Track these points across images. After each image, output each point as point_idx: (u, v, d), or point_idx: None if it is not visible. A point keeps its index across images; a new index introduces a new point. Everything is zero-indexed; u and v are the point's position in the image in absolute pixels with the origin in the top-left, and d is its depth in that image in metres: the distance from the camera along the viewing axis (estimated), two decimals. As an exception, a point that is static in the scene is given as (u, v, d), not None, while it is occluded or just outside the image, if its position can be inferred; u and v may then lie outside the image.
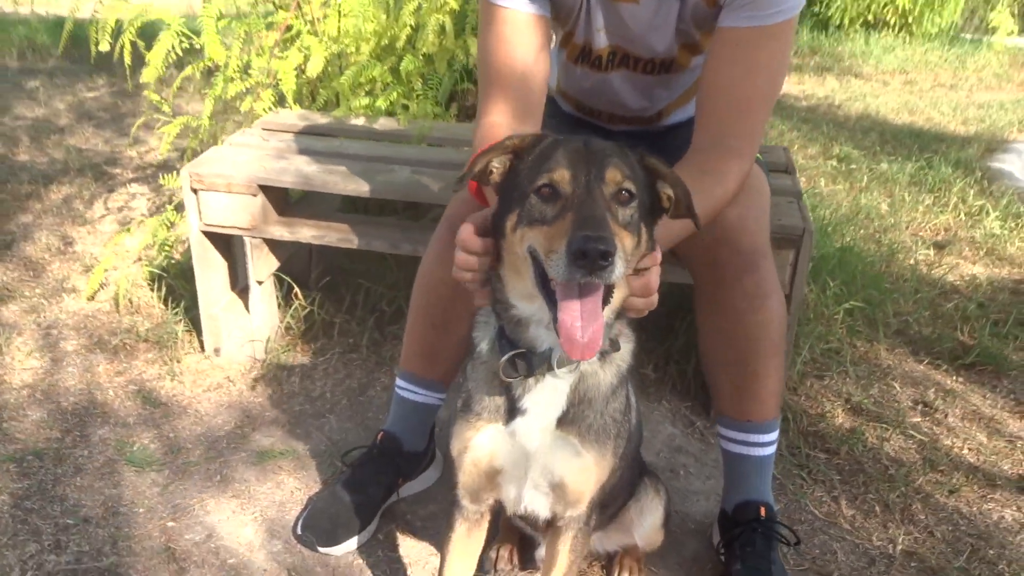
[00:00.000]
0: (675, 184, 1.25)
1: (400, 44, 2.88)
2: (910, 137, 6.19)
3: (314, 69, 2.81)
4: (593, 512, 1.42)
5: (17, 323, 2.75)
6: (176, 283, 2.85)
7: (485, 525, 1.51)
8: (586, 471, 1.35)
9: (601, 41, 1.85)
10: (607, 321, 1.22)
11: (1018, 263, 3.78)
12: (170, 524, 1.91)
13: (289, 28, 2.84)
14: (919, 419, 2.50)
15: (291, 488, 2.06)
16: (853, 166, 5.21)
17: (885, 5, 10.83)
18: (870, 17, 11.03)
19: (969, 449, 2.38)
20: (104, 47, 2.84)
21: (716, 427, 1.91)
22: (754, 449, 1.81)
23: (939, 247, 3.89)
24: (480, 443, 1.37)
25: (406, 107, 2.92)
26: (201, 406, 2.38)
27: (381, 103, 2.73)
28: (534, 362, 1.27)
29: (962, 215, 4.29)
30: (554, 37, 1.94)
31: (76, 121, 5.22)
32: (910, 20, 10.75)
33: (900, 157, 5.39)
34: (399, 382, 1.95)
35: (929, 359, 2.82)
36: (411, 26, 2.84)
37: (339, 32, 2.89)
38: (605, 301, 1.16)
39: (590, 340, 1.12)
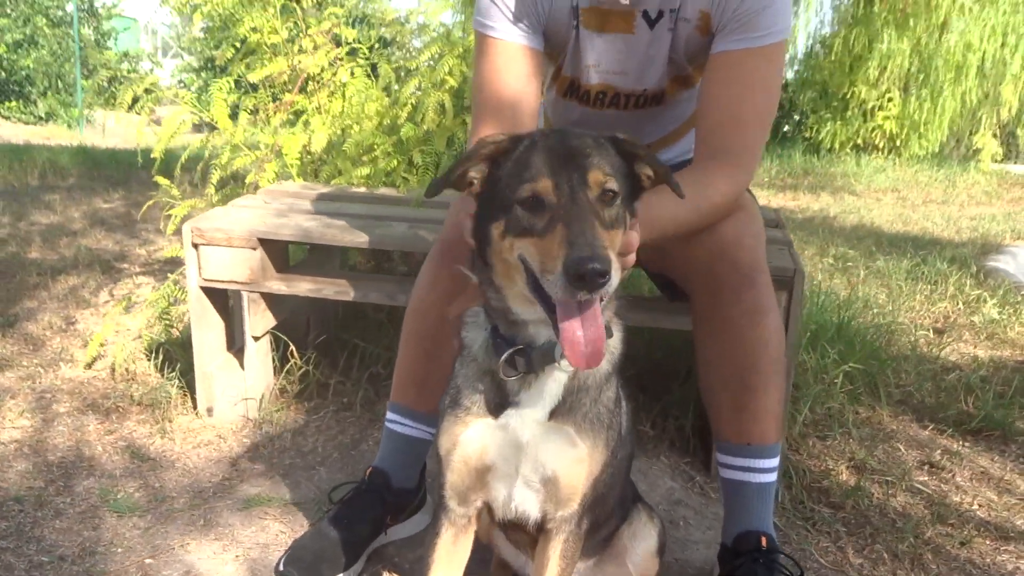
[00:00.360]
0: (652, 162, 1.28)
1: (401, 122, 3.01)
2: (905, 241, 6.30)
3: (318, 144, 2.92)
4: (585, 515, 1.37)
5: (12, 388, 2.74)
6: (173, 350, 2.86)
7: (472, 533, 1.46)
8: (580, 462, 1.31)
9: (592, 78, 1.92)
10: (619, 276, 1.16)
11: (1020, 345, 3.77)
12: (148, 561, 1.84)
13: (293, 105, 2.97)
14: (926, 477, 2.44)
15: (276, 531, 1.99)
16: (850, 264, 5.28)
17: (873, 130, 11.24)
18: (859, 141, 11.42)
19: (980, 505, 2.30)
20: (157, 154, 2.92)
21: (716, 455, 1.86)
22: (754, 475, 1.76)
23: (939, 332, 3.89)
24: (470, 438, 1.34)
25: (406, 179, 3.00)
26: (190, 460, 2.34)
27: (382, 166, 2.81)
28: (534, 357, 1.26)
29: (960, 304, 4.31)
30: (548, 74, 2.03)
31: (89, 226, 5.37)
32: (898, 143, 11.11)
33: (896, 256, 5.46)
34: (389, 415, 1.93)
35: (933, 425, 2.77)
36: (411, 104, 2.96)
37: (343, 111, 3.02)
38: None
39: (594, 349, 1.13)
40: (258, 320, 2.49)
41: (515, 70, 1.77)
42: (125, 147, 9.17)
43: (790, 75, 12.66)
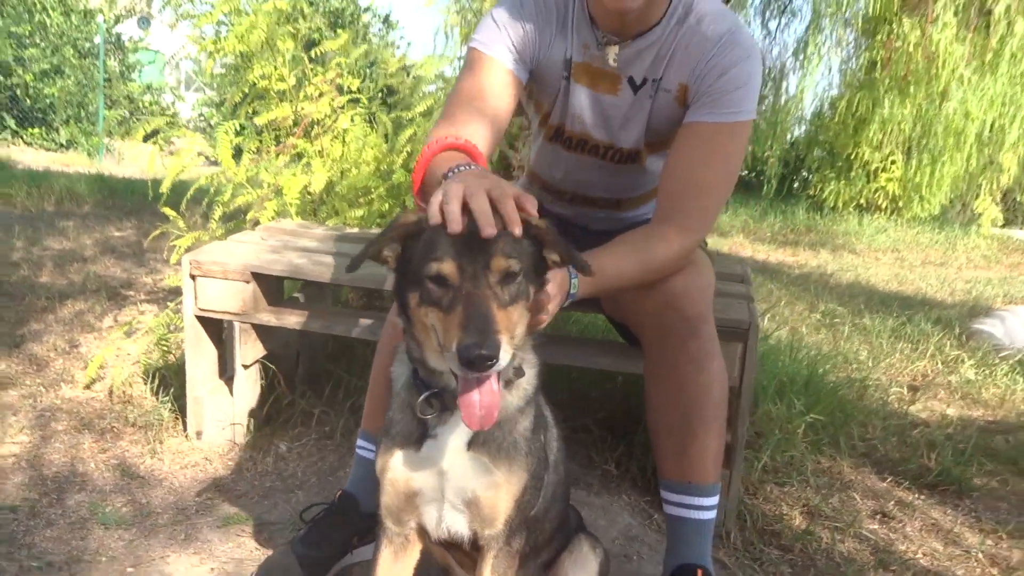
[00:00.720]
0: (557, 248, 1.39)
1: (396, 168, 3.18)
2: (896, 301, 6.42)
3: (317, 185, 3.10)
4: (515, 534, 1.49)
5: (14, 405, 2.89)
6: (169, 375, 3.01)
7: (413, 552, 1.58)
8: (497, 486, 1.44)
9: (576, 126, 2.08)
10: (509, 353, 1.29)
11: (991, 406, 3.88)
12: (129, 570, 1.97)
13: (295, 148, 3.16)
14: (876, 526, 2.55)
15: (251, 548, 2.12)
16: (837, 320, 5.40)
17: (876, 190, 11.43)
18: (862, 201, 11.60)
19: (924, 555, 2.41)
20: (165, 188, 3.10)
21: (661, 491, 1.98)
22: (694, 512, 1.88)
23: (913, 389, 4.00)
24: (396, 464, 1.48)
25: (399, 222, 3.17)
26: (176, 480, 2.47)
27: (376, 208, 2.98)
28: (447, 399, 1.40)
29: (939, 363, 4.42)
30: (535, 121, 2.19)
31: (100, 253, 5.55)
32: (900, 205, 11.28)
33: (883, 315, 5.58)
34: (359, 442, 2.07)
35: (892, 477, 2.88)
36: (407, 152, 3.14)
37: (342, 155, 3.20)
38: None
39: (486, 413, 1.28)
40: (248, 349, 2.64)
41: (496, 86, 1.90)
42: (142, 177, 9.44)
43: (798, 132, 12.89)
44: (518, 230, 1.31)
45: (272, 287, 2.65)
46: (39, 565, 1.97)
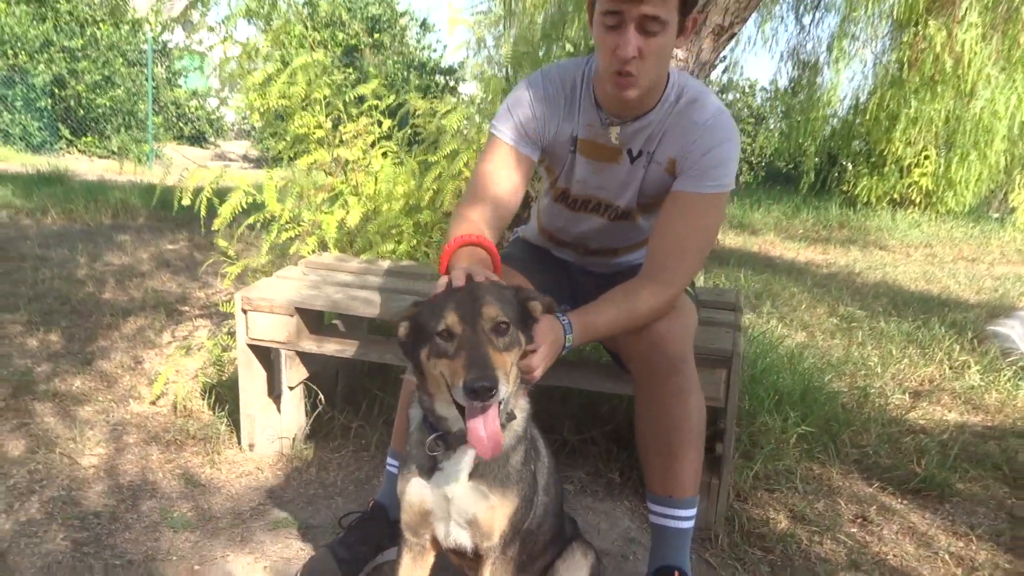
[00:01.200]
0: (539, 302, 1.79)
1: (424, 204, 3.52)
2: (919, 302, 6.55)
3: (353, 221, 3.44)
4: (510, 544, 1.81)
5: (90, 420, 3.29)
6: (224, 391, 3.38)
7: (429, 558, 1.92)
8: (492, 509, 1.77)
9: (579, 190, 2.40)
10: (504, 400, 1.69)
11: (991, 412, 4.09)
12: (196, 567, 2.34)
13: (333, 188, 3.51)
14: (855, 530, 2.81)
15: (297, 548, 2.47)
16: (854, 324, 5.60)
17: (909, 185, 11.48)
18: (895, 195, 11.65)
19: (894, 556, 2.67)
20: (186, 201, 3.53)
21: (647, 502, 2.29)
22: (674, 521, 2.19)
23: (915, 395, 4.22)
24: (411, 491, 1.82)
25: (427, 254, 3.51)
26: (233, 488, 2.84)
27: (403, 248, 3.32)
28: (450, 440, 1.74)
29: (946, 368, 4.62)
30: (546, 182, 2.51)
31: (156, 268, 5.98)
32: (934, 199, 11.32)
33: (900, 318, 5.75)
34: (389, 460, 2.41)
35: (879, 483, 3.14)
36: (433, 190, 3.47)
37: (375, 192, 3.54)
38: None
39: (493, 443, 1.59)
40: (293, 373, 3.00)
41: (508, 170, 2.26)
42: (196, 185, 9.94)
43: (831, 127, 12.94)
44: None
45: (313, 317, 3.00)
46: (121, 563, 2.35)
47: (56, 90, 15.21)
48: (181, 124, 18.54)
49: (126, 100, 15.74)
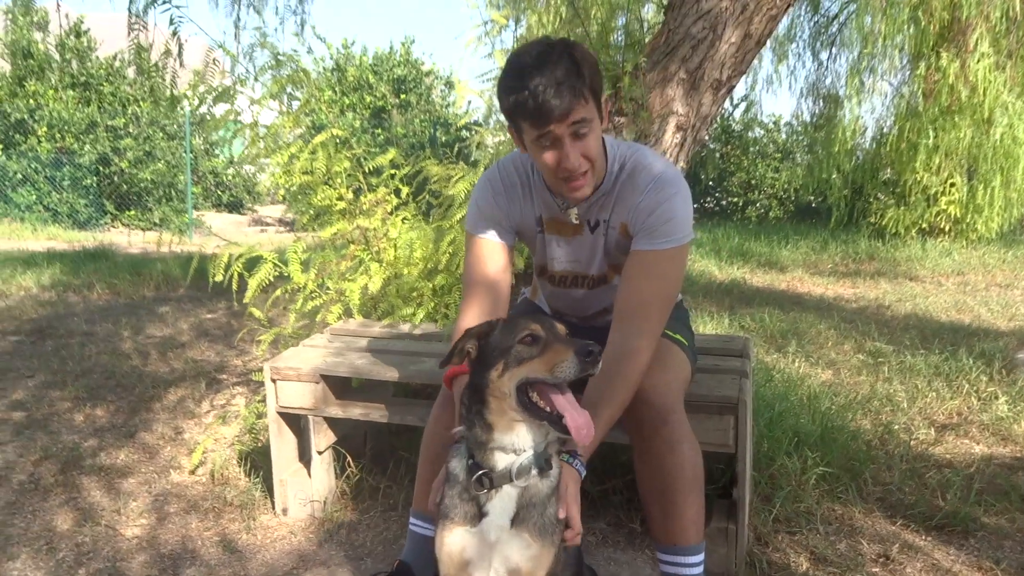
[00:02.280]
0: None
1: (441, 267, 3.67)
2: (949, 332, 6.51)
3: (375, 287, 3.60)
4: None
5: (133, 492, 3.45)
6: (258, 458, 3.53)
7: None
8: (534, 558, 1.86)
9: (556, 266, 2.56)
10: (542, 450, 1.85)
11: (1020, 442, 4.06)
12: (232, 632, 2.45)
13: (354, 256, 3.68)
14: (877, 569, 2.84)
15: (328, 610, 2.58)
16: (881, 359, 5.59)
17: (937, 214, 11.42)
18: (924, 225, 11.59)
19: (917, 594, 2.69)
20: (219, 278, 3.73)
21: (655, 551, 2.36)
22: (682, 569, 2.26)
23: (942, 429, 4.21)
24: (453, 540, 1.91)
25: (446, 316, 3.65)
26: (268, 553, 2.96)
27: (421, 312, 3.47)
28: (495, 478, 1.85)
29: (973, 400, 4.61)
30: (533, 259, 2.66)
31: (195, 338, 6.21)
32: (963, 227, 11.24)
33: (928, 352, 5.72)
34: (412, 519, 2.51)
35: (903, 521, 3.15)
36: (449, 253, 3.62)
37: (394, 257, 3.71)
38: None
39: (587, 425, 1.76)
40: (321, 438, 3.14)
41: (492, 261, 2.43)
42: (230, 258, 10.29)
43: (855, 161, 12.95)
44: None
45: (339, 383, 3.14)
46: (163, 630, 2.47)
47: (101, 168, 15.85)
48: (219, 192, 19.13)
49: (166, 172, 16.33)
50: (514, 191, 2.44)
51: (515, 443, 1.83)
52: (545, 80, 2.02)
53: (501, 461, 1.84)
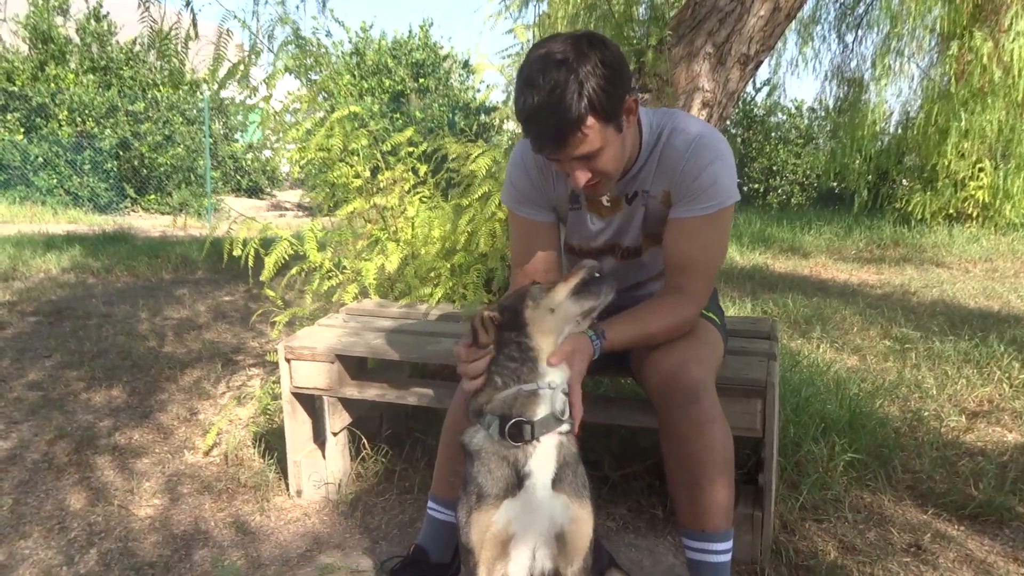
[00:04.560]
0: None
1: (459, 246, 3.59)
2: (978, 319, 6.36)
3: (391, 266, 3.53)
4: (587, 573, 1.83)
5: (147, 472, 3.41)
6: (272, 439, 3.47)
7: None
8: (577, 521, 1.80)
9: (587, 243, 2.48)
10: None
11: (1054, 431, 3.94)
12: (244, 615, 2.40)
13: (371, 235, 3.61)
14: (908, 559, 2.74)
15: (342, 594, 2.52)
16: (908, 345, 5.46)
17: (965, 199, 11.19)
18: (951, 211, 11.37)
19: (951, 585, 2.60)
20: (236, 252, 3.67)
21: (680, 538, 2.28)
22: (710, 556, 2.17)
23: (973, 416, 4.10)
24: (500, 517, 1.80)
25: (464, 296, 3.57)
26: (281, 535, 2.90)
27: (439, 292, 3.39)
28: (537, 425, 1.79)
29: (1006, 388, 4.48)
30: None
31: (213, 320, 6.18)
32: (991, 212, 11.01)
33: (957, 338, 5.58)
34: (430, 504, 2.44)
35: (934, 509, 3.05)
36: (468, 232, 3.54)
37: (412, 237, 3.63)
38: None
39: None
40: (336, 419, 3.07)
41: (530, 236, 2.41)
42: (247, 236, 10.27)
43: (881, 144, 12.73)
44: None
45: (355, 364, 3.07)
46: (174, 612, 2.42)
47: (121, 152, 15.88)
48: (239, 177, 19.13)
49: (186, 157, 16.34)
50: (547, 166, 2.33)
51: (554, 379, 1.82)
52: (540, 104, 1.89)
53: (541, 408, 1.80)
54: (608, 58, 1.92)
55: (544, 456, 1.80)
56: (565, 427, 1.84)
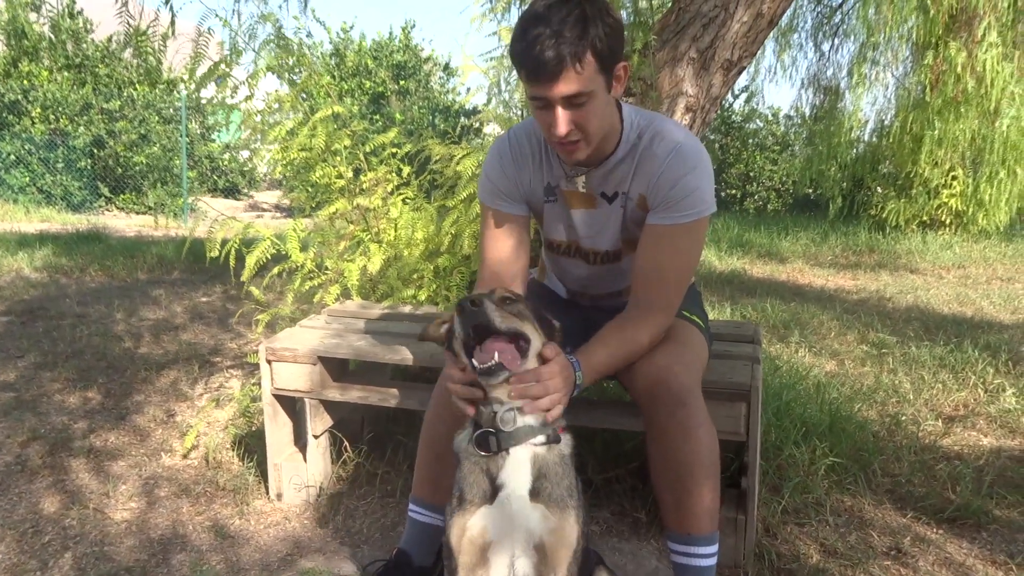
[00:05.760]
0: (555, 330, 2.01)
1: (444, 248, 3.57)
2: (952, 325, 6.44)
3: (374, 268, 3.50)
4: None
5: (123, 475, 3.35)
6: (252, 441, 3.43)
7: None
8: (555, 532, 1.78)
9: (564, 238, 2.45)
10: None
11: (1029, 435, 3.99)
12: (224, 620, 2.36)
13: (354, 236, 3.58)
14: (889, 562, 2.76)
15: (324, 598, 2.49)
16: (885, 350, 5.51)
17: (939, 207, 11.34)
18: (925, 218, 11.52)
19: (930, 587, 2.62)
20: (214, 254, 3.63)
21: (665, 541, 2.27)
22: (695, 559, 2.17)
23: (950, 420, 4.14)
24: (475, 523, 1.81)
25: (447, 297, 3.55)
26: (261, 539, 2.87)
27: (423, 294, 3.38)
28: (502, 438, 1.79)
29: (980, 392, 4.54)
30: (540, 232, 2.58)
31: (190, 320, 6.10)
32: (964, 220, 11.17)
33: (932, 343, 5.65)
34: (411, 506, 2.42)
35: (913, 513, 3.08)
36: (451, 234, 3.53)
37: (395, 238, 3.61)
38: None
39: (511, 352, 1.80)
40: (318, 421, 3.04)
41: (504, 233, 2.37)
42: (224, 237, 10.19)
43: (856, 152, 12.87)
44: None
45: (337, 366, 3.04)
46: (152, 618, 2.38)
47: (95, 150, 15.67)
48: (215, 177, 18.95)
49: (161, 157, 16.14)
50: (523, 160, 2.34)
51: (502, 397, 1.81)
52: (544, 32, 1.90)
53: (508, 422, 1.80)
54: (613, 17, 1.99)
55: (516, 468, 1.80)
56: (540, 438, 1.83)
